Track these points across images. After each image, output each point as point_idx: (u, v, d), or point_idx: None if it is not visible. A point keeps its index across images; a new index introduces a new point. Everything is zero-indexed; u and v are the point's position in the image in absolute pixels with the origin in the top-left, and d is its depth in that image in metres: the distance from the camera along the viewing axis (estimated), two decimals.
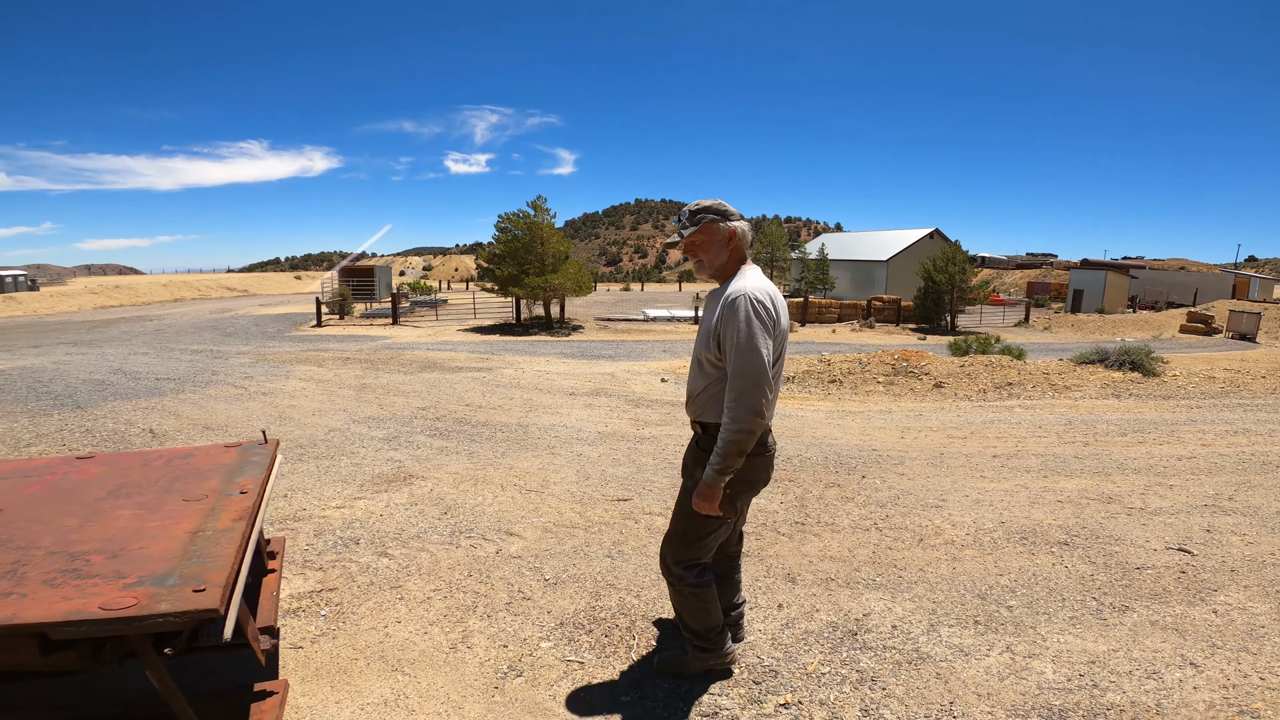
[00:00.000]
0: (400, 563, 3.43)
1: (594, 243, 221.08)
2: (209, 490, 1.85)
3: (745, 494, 2.24)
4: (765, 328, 2.01)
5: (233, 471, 2.06)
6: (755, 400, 1.98)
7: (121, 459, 2.23)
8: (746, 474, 2.14)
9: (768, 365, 1.99)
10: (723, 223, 2.17)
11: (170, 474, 2.04)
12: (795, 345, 17.96)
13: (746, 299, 2.02)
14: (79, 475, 2.02)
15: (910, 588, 3.22)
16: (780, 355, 2.11)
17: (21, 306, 30.60)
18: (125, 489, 1.87)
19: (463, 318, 23.53)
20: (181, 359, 12.39)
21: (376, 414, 7.21)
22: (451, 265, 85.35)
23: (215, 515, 1.63)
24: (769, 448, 2.21)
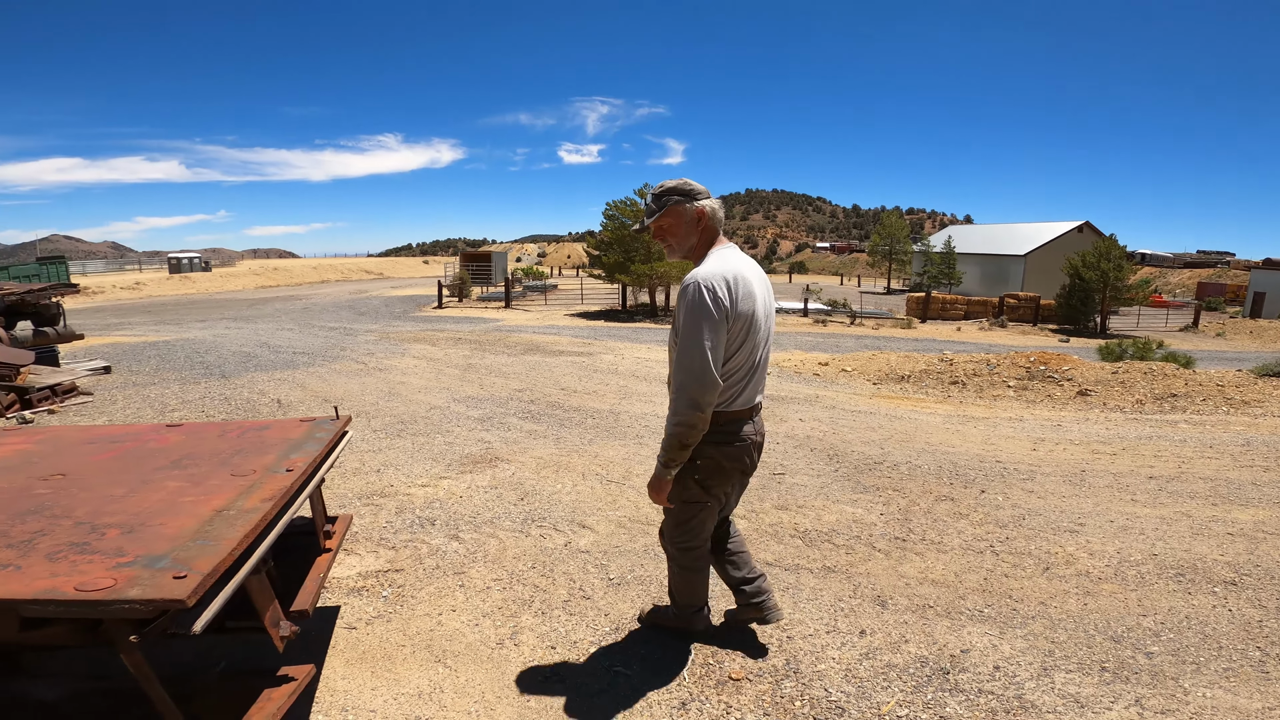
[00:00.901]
0: (469, 547, 3.38)
1: None
2: (259, 465, 1.82)
3: (719, 482, 2.17)
4: (711, 317, 1.92)
5: (293, 447, 2.03)
6: (694, 394, 1.93)
7: (203, 429, 2.28)
8: (715, 462, 2.10)
9: (709, 359, 1.91)
10: (689, 203, 2.09)
11: (235, 446, 2.04)
12: (913, 343, 16.74)
13: (696, 287, 1.94)
14: (157, 444, 2.08)
15: (1025, 623, 2.76)
16: (750, 342, 2.03)
17: (195, 286, 34.88)
18: (187, 460, 1.89)
19: (570, 303, 24.05)
20: (318, 335, 13.49)
21: (476, 394, 7.39)
22: (564, 252, 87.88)
23: (250, 493, 1.58)
24: (742, 436, 2.12)
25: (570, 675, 2.35)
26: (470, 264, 31.66)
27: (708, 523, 2.27)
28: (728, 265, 2.01)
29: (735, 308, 1.97)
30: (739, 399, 2.08)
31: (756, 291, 2.05)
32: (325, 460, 2.10)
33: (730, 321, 1.97)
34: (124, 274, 42.61)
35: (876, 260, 47.75)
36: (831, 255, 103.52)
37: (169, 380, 8.11)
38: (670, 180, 2.14)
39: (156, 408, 6.52)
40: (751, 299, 2.02)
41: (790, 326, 20.07)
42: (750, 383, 2.10)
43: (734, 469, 2.16)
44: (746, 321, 2.01)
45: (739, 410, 2.09)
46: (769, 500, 4.24)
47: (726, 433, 2.09)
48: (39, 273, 32.34)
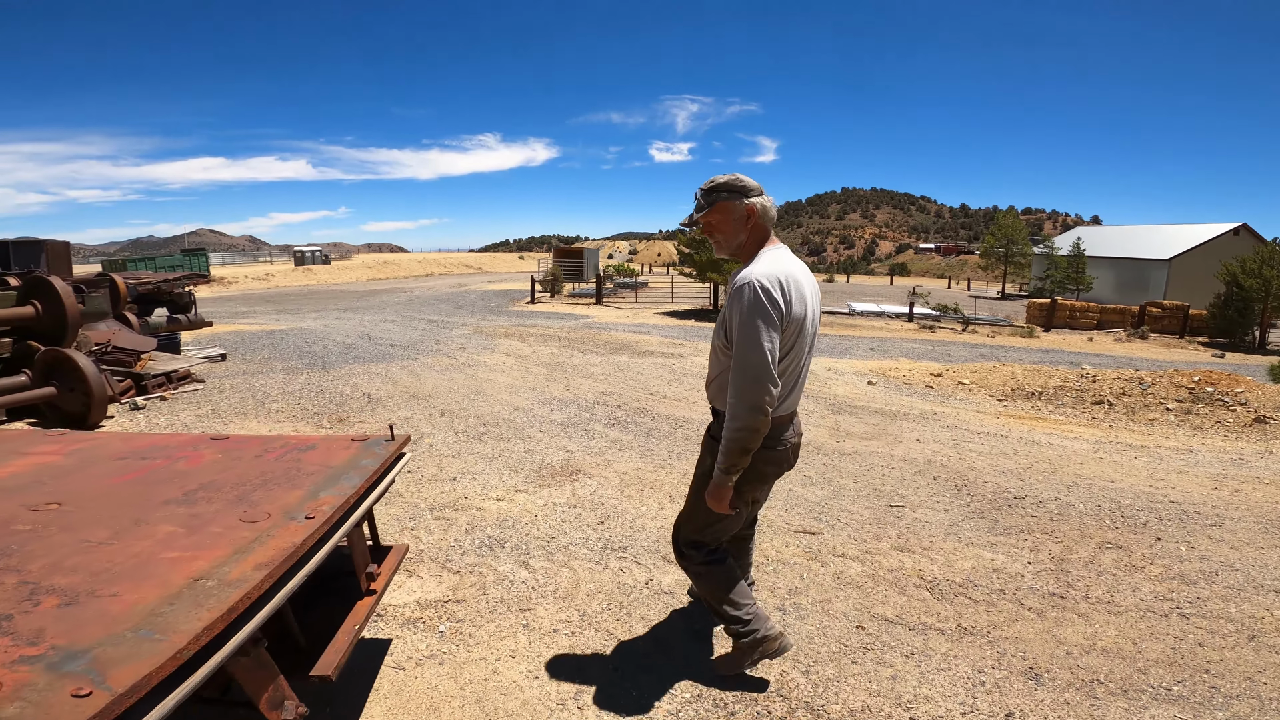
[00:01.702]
0: (539, 578, 3.02)
1: (796, 232, 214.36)
2: (278, 507, 1.51)
3: (755, 486, 2.12)
4: (770, 318, 1.87)
5: (331, 479, 1.72)
6: (756, 397, 1.88)
7: (244, 445, 2.02)
8: (754, 467, 2.03)
9: (770, 360, 1.87)
10: (739, 200, 2.01)
11: (266, 473, 1.76)
12: (1037, 354, 15.11)
13: (752, 287, 1.88)
14: (187, 464, 1.84)
15: (1227, 704, 2.21)
16: (799, 346, 1.99)
17: (315, 277, 37.43)
18: (203, 492, 1.61)
19: (661, 301, 23.71)
20: (417, 327, 13.85)
21: (562, 395, 7.13)
22: (654, 250, 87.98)
23: (248, 550, 1.26)
24: (782, 441, 2.07)
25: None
26: (563, 260, 32.08)
27: (733, 525, 2.22)
28: (780, 266, 1.94)
29: (790, 310, 1.91)
30: (784, 404, 2.02)
31: (808, 295, 1.99)
32: (370, 493, 1.77)
33: (785, 323, 1.91)
34: (256, 266, 46.53)
35: (990, 262, 44.29)
36: (937, 257, 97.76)
37: (275, 370, 8.41)
38: (722, 175, 2.05)
39: (258, 398, 6.69)
40: (804, 302, 1.96)
41: (894, 332, 18.74)
42: (796, 388, 2.06)
43: (772, 473, 2.12)
44: (798, 325, 1.95)
45: (781, 416, 2.03)
46: (886, 538, 3.63)
47: (771, 437, 2.02)
48: (182, 263, 35.83)
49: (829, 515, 3.97)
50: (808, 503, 4.17)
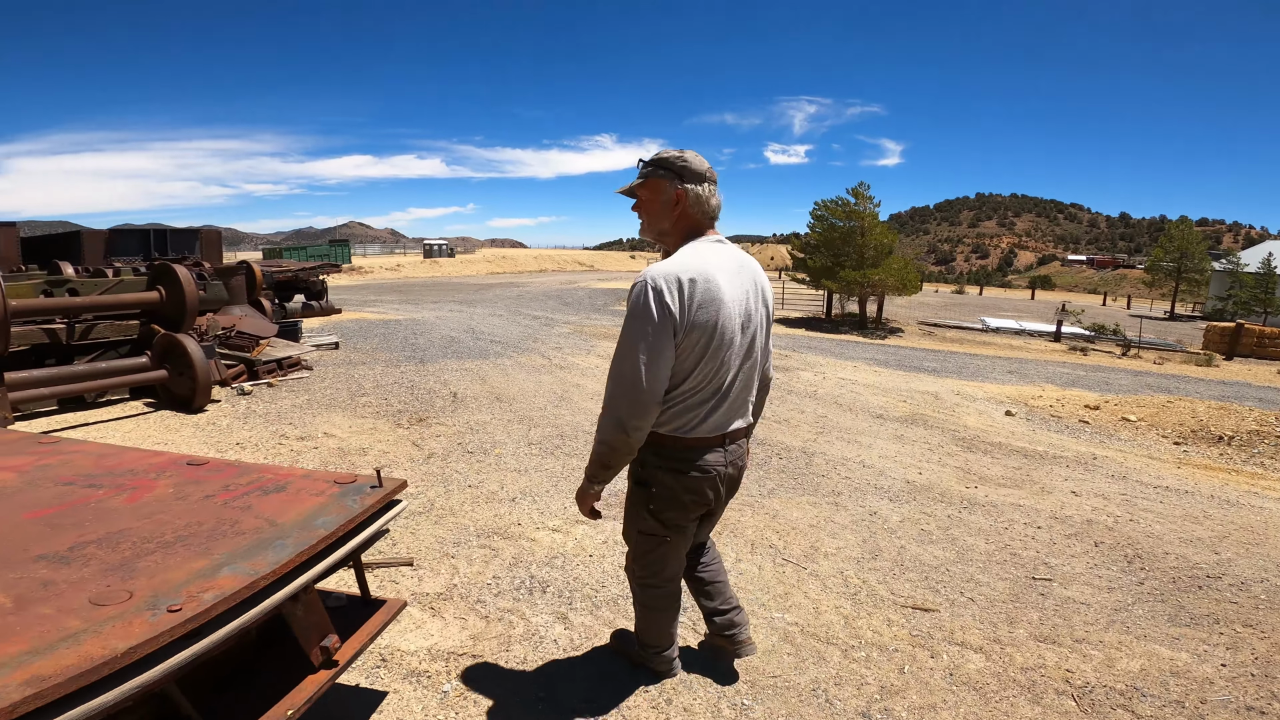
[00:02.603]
0: (574, 638, 2.54)
1: (922, 239, 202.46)
2: (152, 586, 1.15)
3: (677, 515, 1.87)
4: (652, 324, 1.64)
5: (262, 543, 1.34)
6: (621, 411, 1.69)
7: (211, 477, 1.70)
8: (671, 492, 1.83)
9: (642, 372, 1.65)
10: (671, 182, 1.79)
11: (198, 523, 1.43)
12: (1219, 387, 12.76)
13: (641, 286, 1.68)
14: (126, 499, 1.54)
15: None
16: (716, 356, 1.72)
17: (440, 269, 39.60)
18: (101, 544, 1.30)
19: None
20: (520, 323, 13.95)
21: None
22: (767, 254, 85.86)
23: (44, 653, 0.90)
24: (704, 467, 1.81)
25: None
26: None
27: (670, 558, 1.99)
28: (690, 263, 1.71)
29: (689, 315, 1.68)
30: (701, 425, 1.79)
31: (726, 297, 1.73)
32: (326, 553, 1.35)
33: (681, 332, 1.68)
34: (391, 257, 50.12)
35: (1158, 278, 38.92)
36: (1088, 270, 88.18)
37: (377, 361, 8.57)
38: (670, 150, 1.84)
39: (352, 390, 6.74)
40: (716, 305, 1.70)
41: (1037, 353, 16.66)
42: (719, 407, 1.80)
43: (693, 503, 1.87)
44: (707, 333, 1.71)
45: (700, 438, 1.81)
46: (1023, 623, 2.83)
47: (685, 460, 1.81)
48: (328, 253, 39.22)
49: (950, 586, 3.19)
50: (923, 566, 3.40)
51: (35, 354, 6.06)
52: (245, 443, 4.94)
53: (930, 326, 20.83)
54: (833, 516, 4.08)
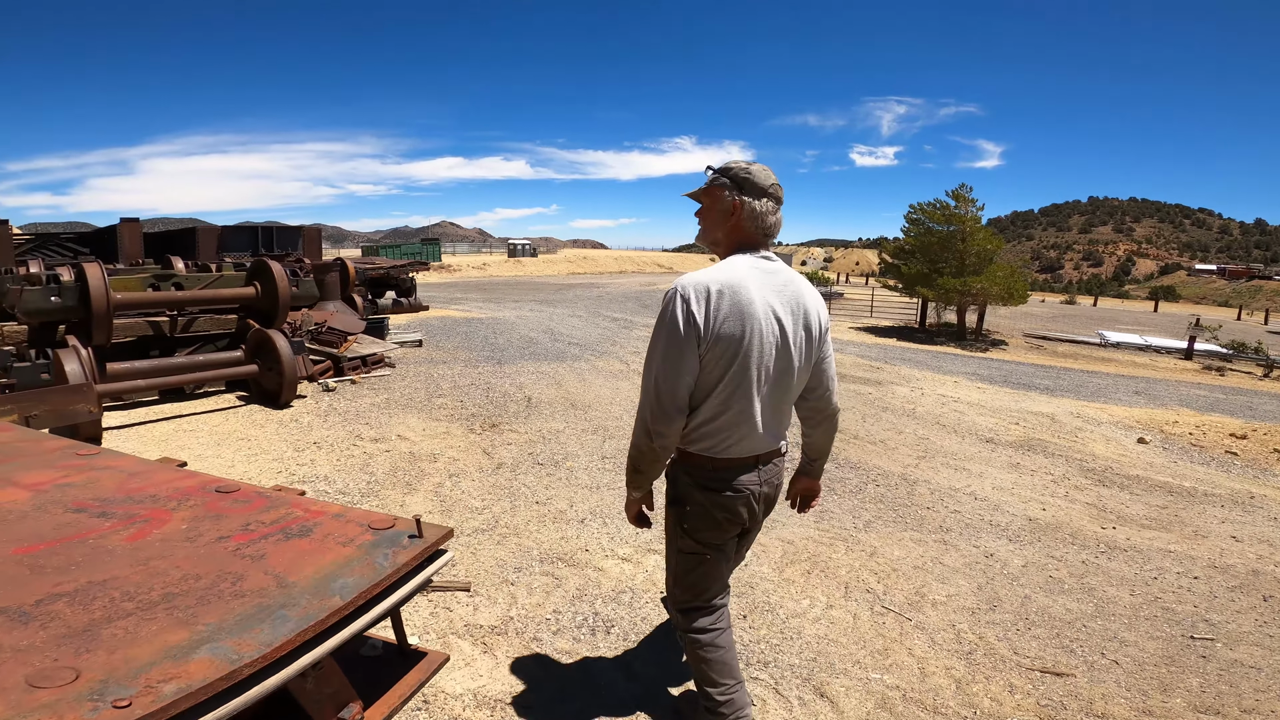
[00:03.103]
0: (635, 696, 2.21)
1: (1024, 245, 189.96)
2: (108, 665, 0.92)
3: (711, 533, 1.82)
4: (675, 333, 1.63)
5: (260, 611, 1.08)
6: (647, 418, 1.69)
7: (234, 510, 1.48)
8: (704, 510, 1.79)
9: (664, 379, 1.65)
10: (731, 192, 1.77)
11: (197, 574, 1.20)
12: None
13: (670, 294, 1.68)
14: (129, 536, 1.34)
15: None
16: (741, 374, 1.67)
17: (523, 269, 40.47)
18: (73, 600, 1.09)
19: (857, 314, 21.63)
20: (599, 325, 13.82)
21: None
22: (852, 259, 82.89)
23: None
24: (733, 486, 1.76)
25: None
26: None
27: (710, 576, 1.89)
28: (723, 274, 1.67)
29: (714, 325, 1.63)
30: (733, 447, 1.73)
31: (758, 311, 1.66)
32: (344, 624, 1.08)
33: (706, 342, 1.63)
34: (478, 256, 51.80)
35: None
36: (1219, 280, 79.72)
37: (457, 360, 8.58)
38: (739, 160, 1.82)
39: (429, 390, 6.71)
40: (742, 320, 1.64)
41: (1165, 372, 14.93)
42: (750, 430, 1.72)
43: (727, 520, 1.81)
44: (731, 348, 1.64)
45: (732, 459, 1.75)
46: (1180, 691, 2.34)
47: (719, 480, 1.77)
48: (420, 251, 40.91)
49: (1087, 645, 2.66)
50: (1053, 621, 2.87)
51: (142, 345, 6.38)
52: (322, 442, 4.93)
53: (1038, 339, 19.17)
54: (941, 557, 3.56)
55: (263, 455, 4.66)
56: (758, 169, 1.79)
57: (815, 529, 3.84)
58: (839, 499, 4.39)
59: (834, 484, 4.67)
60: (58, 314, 5.40)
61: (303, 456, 4.63)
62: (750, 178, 1.77)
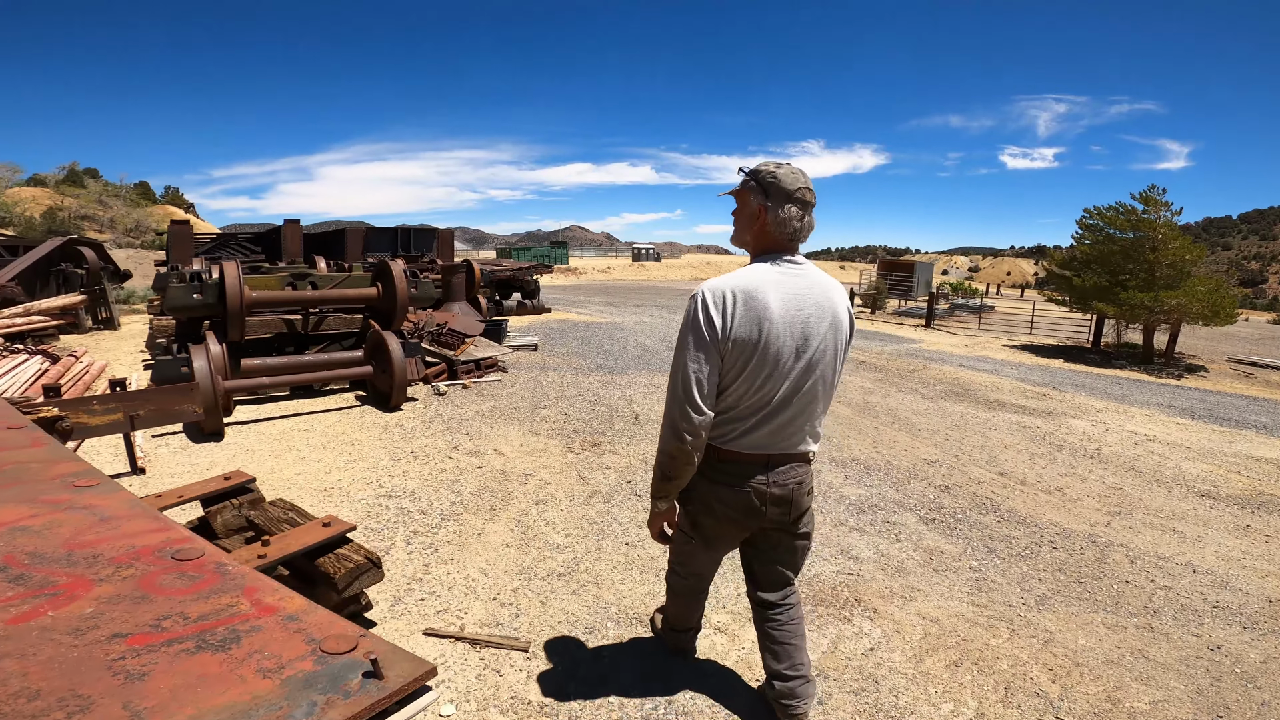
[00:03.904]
0: None
1: (1220, 255, 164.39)
2: None
3: (708, 523, 1.94)
4: (699, 335, 1.71)
5: None
6: (676, 419, 1.75)
7: (150, 595, 1.09)
8: (704, 500, 1.90)
9: (689, 381, 1.72)
10: (757, 196, 1.79)
11: (48, 688, 0.72)
12: None
13: (693, 297, 1.76)
14: (8, 618, 0.91)
15: None
16: (760, 375, 1.73)
17: (647, 273, 40.61)
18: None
19: (1012, 330, 19.25)
20: None
21: (865, 456, 5.38)
22: (1002, 268, 75.67)
23: None
24: (745, 483, 1.83)
25: None
26: (888, 273, 28.83)
27: (696, 558, 2.07)
28: (742, 278, 1.74)
29: (730, 328, 1.71)
30: (743, 439, 1.81)
31: (775, 316, 1.71)
32: None
33: (723, 344, 1.71)
34: (603, 259, 52.90)
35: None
36: None
37: (568, 368, 8.34)
38: (769, 162, 1.82)
39: (535, 400, 6.44)
40: (760, 324, 1.71)
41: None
42: (764, 425, 1.79)
43: (725, 515, 1.89)
44: (748, 349, 1.72)
45: (742, 453, 1.82)
46: None
47: (723, 472, 1.85)
48: (549, 254, 42.35)
49: None
50: None
51: (278, 341, 6.67)
52: (419, 452, 4.75)
53: (1245, 366, 15.94)
54: (1146, 648, 2.65)
55: (360, 462, 4.54)
56: (786, 172, 1.78)
57: (969, 603, 3.02)
58: (1002, 564, 3.49)
59: (995, 543, 3.76)
60: (200, 310, 5.70)
61: (396, 467, 4.45)
62: (777, 182, 1.76)
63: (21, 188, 42.62)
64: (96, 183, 51.08)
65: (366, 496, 3.98)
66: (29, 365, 6.66)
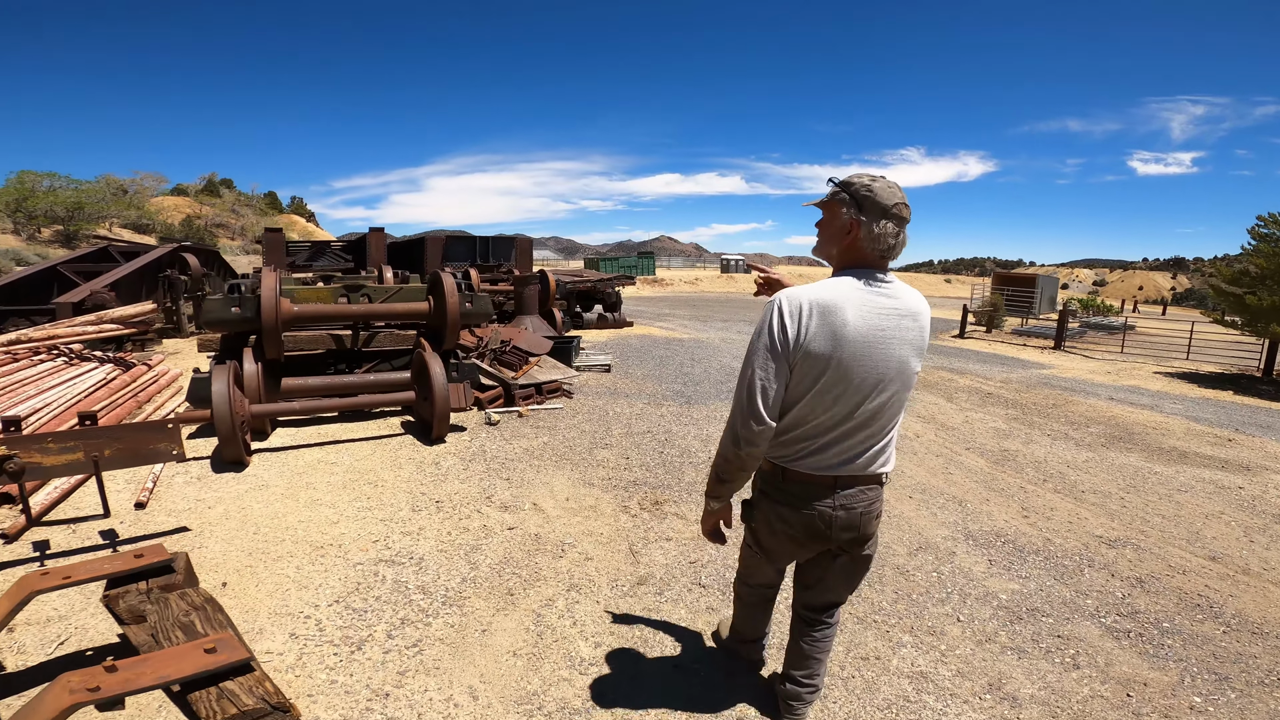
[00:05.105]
0: None
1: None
2: None
3: (769, 540, 1.92)
4: (771, 344, 1.66)
5: None
6: (736, 426, 1.71)
7: None
8: (766, 518, 1.89)
9: (756, 389, 1.67)
10: (848, 210, 1.71)
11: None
12: None
13: (774, 305, 1.68)
14: None
15: None
16: (830, 392, 1.66)
17: (735, 285, 39.26)
18: None
19: (1162, 354, 16.53)
20: None
21: (1014, 530, 4.09)
22: (1133, 282, 68.56)
23: None
24: (810, 504, 1.77)
25: None
26: (1006, 287, 26.07)
27: (759, 570, 2.13)
28: (822, 291, 1.66)
29: (801, 342, 1.64)
30: (808, 459, 1.75)
31: (851, 333, 1.64)
32: None
33: (793, 356, 1.65)
34: (691, 270, 51.96)
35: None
36: None
37: (642, 394, 7.42)
38: (863, 174, 1.73)
39: (596, 437, 5.51)
40: (835, 340, 1.63)
41: None
42: (833, 446, 1.73)
43: (785, 534, 1.86)
44: (820, 364, 1.65)
45: (808, 474, 1.76)
46: None
47: (787, 494, 1.81)
48: (636, 264, 41.87)
49: None
50: None
51: (328, 358, 6.18)
52: (445, 501, 3.96)
53: None
54: None
55: (376, 510, 3.81)
56: (882, 185, 1.69)
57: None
58: (1240, 699, 2.22)
59: (1225, 666, 2.46)
60: (239, 325, 5.24)
61: (414, 521, 3.68)
62: (872, 196, 1.68)
63: (165, 196, 47.18)
64: (231, 192, 56.00)
65: (365, 561, 3.22)
66: (93, 374, 6.53)
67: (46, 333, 7.35)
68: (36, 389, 5.72)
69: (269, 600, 2.87)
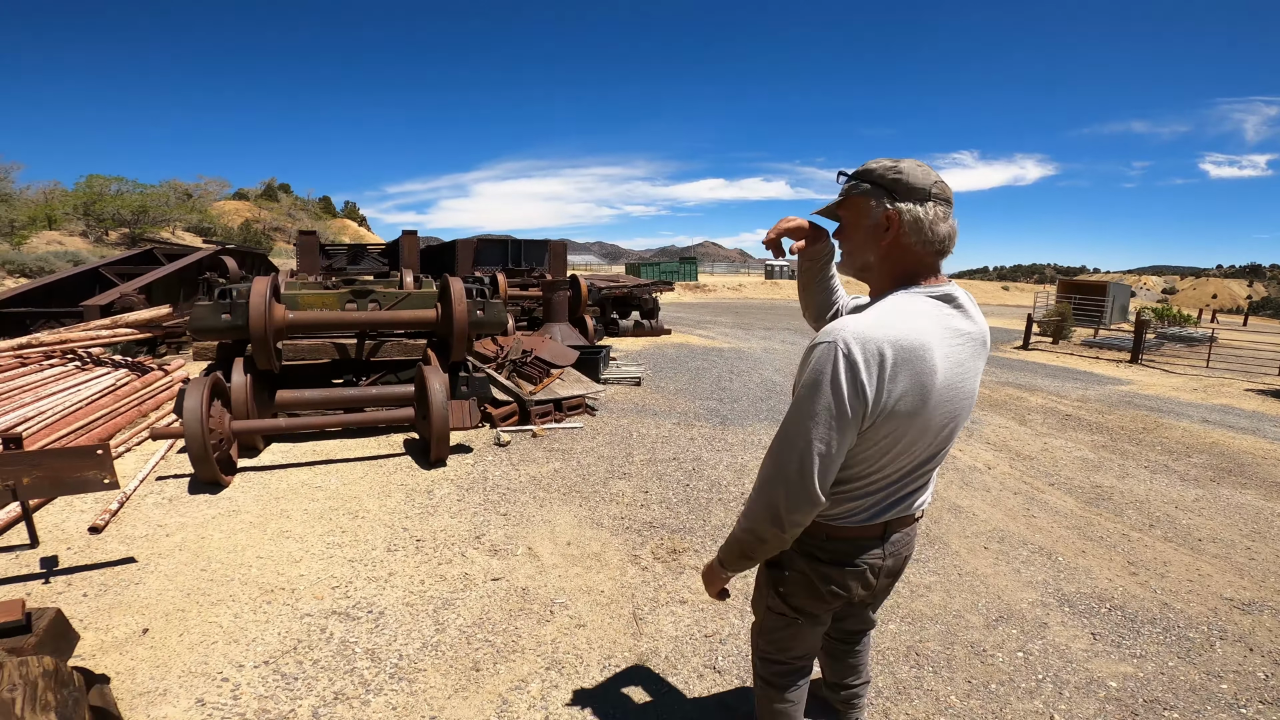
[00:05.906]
0: None
1: None
2: None
3: (809, 603, 1.54)
4: (847, 404, 1.20)
5: None
6: (777, 502, 1.30)
7: None
8: (805, 579, 1.50)
9: (815, 462, 1.24)
10: (880, 200, 1.32)
11: None
12: None
13: (830, 351, 1.21)
14: None
15: None
16: (904, 445, 1.30)
17: (780, 292, 38.17)
18: None
19: (1249, 368, 14.92)
20: None
21: (1120, 592, 3.29)
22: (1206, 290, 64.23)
23: None
24: (858, 560, 1.45)
25: None
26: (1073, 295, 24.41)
27: (798, 641, 1.65)
28: (899, 328, 1.22)
29: (887, 402, 1.22)
30: (860, 514, 1.41)
31: (939, 381, 1.25)
32: None
33: (870, 420, 1.23)
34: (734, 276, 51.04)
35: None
36: None
37: (672, 412, 6.78)
38: (882, 159, 1.34)
39: (614, 465, 4.86)
40: (925, 391, 1.24)
41: None
42: (892, 497, 1.42)
43: (831, 594, 1.49)
44: (904, 424, 1.26)
45: (858, 530, 1.43)
46: None
47: (831, 550, 1.46)
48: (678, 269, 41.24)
49: None
50: None
51: (336, 369, 5.78)
52: (428, 540, 3.42)
53: None
54: None
55: (346, 548, 3.29)
56: (910, 165, 1.32)
57: None
58: None
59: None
60: (228, 332, 4.84)
61: (384, 565, 3.14)
62: (903, 177, 1.30)
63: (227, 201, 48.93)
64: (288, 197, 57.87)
65: (314, 612, 2.70)
66: (102, 380, 6.29)
67: (60, 336, 7.20)
68: (34, 396, 5.47)
69: (188, 655, 2.38)
